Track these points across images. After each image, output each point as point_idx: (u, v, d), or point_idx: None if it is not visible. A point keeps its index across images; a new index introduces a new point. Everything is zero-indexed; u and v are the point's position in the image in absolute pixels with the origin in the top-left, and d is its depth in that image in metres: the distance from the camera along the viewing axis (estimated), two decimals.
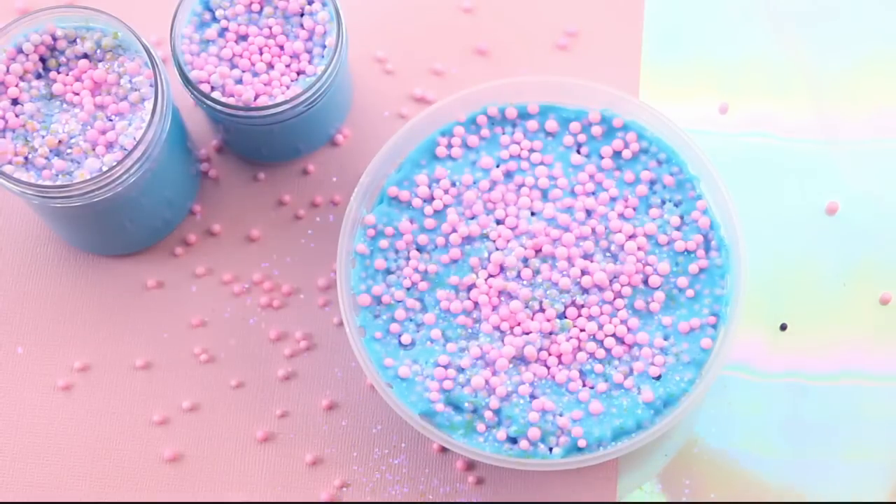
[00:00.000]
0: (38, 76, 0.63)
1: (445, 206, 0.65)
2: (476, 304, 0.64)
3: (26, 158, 0.62)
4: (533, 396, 0.62)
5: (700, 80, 0.72)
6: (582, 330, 0.63)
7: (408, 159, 0.66)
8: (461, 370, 0.63)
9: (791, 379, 0.67)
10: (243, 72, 0.65)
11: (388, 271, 0.64)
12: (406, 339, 0.63)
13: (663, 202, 0.65)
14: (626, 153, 0.65)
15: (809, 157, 0.70)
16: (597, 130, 0.65)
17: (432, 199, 0.65)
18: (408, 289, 0.64)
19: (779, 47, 0.72)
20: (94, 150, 0.62)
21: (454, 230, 0.65)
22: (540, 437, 0.61)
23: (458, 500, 0.66)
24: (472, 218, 0.65)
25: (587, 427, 0.62)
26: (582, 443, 0.61)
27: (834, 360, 0.68)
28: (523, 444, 0.61)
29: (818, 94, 0.71)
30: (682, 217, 0.65)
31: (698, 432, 0.67)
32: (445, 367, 0.63)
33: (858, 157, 0.70)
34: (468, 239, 0.65)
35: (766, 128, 0.71)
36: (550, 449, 0.62)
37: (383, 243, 0.64)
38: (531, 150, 0.66)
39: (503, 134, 0.66)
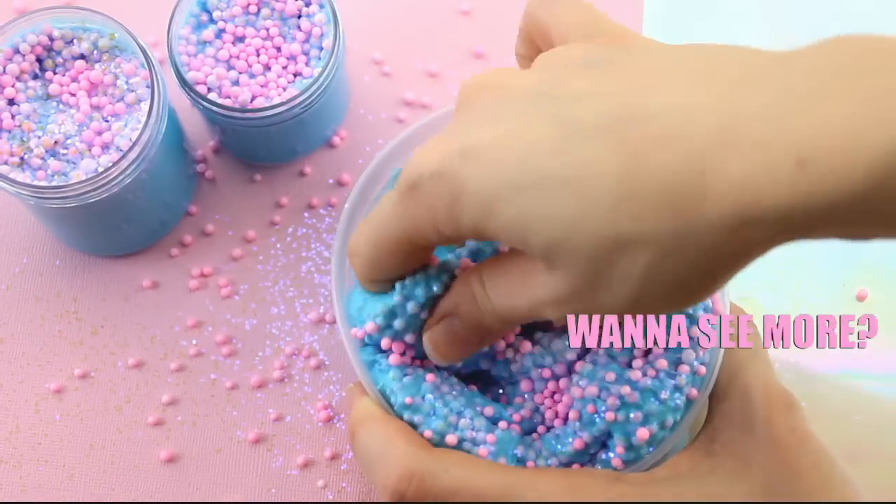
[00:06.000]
0: (35, 77, 0.63)
1: None
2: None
3: (22, 159, 0.62)
4: None
5: None
6: None
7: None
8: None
9: (791, 378, 0.67)
10: (240, 73, 0.65)
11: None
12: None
13: None
14: None
15: None
16: None
17: None
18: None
19: (778, 47, 0.72)
20: (90, 150, 0.62)
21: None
22: None
23: None
24: None
25: None
26: None
27: (834, 360, 0.67)
28: None
29: None
30: None
31: None
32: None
33: None
34: None
35: None
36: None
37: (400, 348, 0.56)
38: None
39: None
